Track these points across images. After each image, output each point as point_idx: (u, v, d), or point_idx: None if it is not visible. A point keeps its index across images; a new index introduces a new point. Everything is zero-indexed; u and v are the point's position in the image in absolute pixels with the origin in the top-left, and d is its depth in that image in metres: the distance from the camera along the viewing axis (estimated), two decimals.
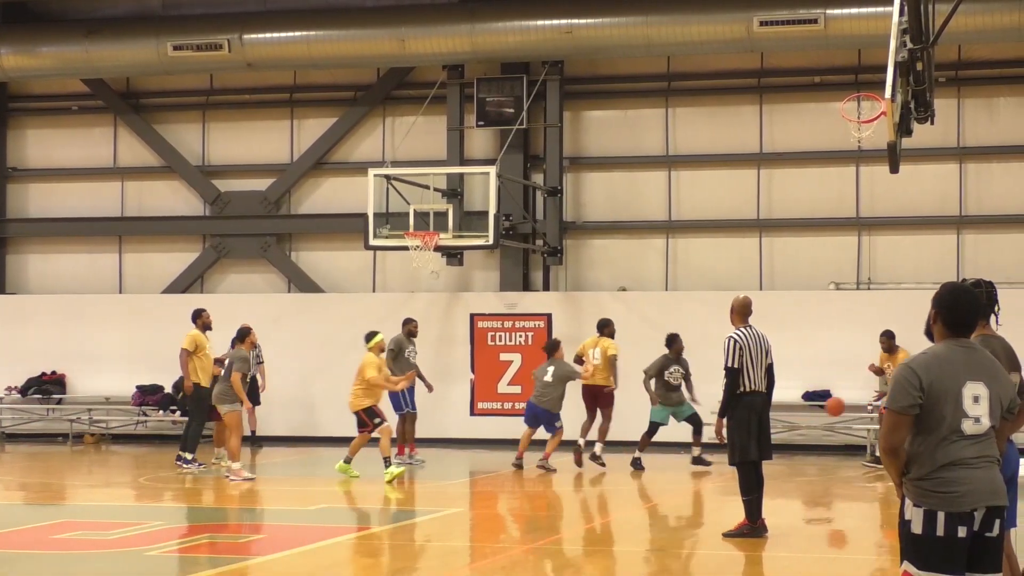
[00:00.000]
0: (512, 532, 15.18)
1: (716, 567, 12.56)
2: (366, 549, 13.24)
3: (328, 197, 26.49)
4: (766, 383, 13.46)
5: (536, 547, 13.57)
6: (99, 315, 26.22)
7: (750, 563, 12.56)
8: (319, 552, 12.85)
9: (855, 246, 24.36)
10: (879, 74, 13.83)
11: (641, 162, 25.23)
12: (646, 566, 12.44)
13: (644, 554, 13.08)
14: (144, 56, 25.21)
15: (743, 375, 13.30)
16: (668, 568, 12.35)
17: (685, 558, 13.00)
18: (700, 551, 13.43)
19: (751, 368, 13.30)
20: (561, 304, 24.67)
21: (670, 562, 12.63)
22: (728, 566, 12.60)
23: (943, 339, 6.60)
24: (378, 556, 12.85)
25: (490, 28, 23.91)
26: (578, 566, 12.64)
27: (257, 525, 15.36)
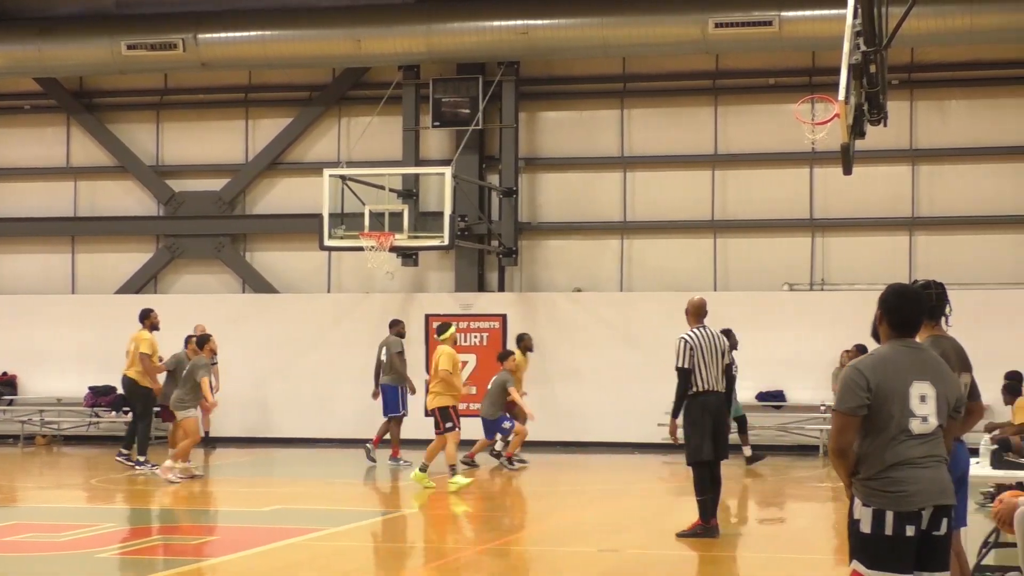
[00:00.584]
0: (466, 533, 15.17)
1: (667, 567, 12.59)
2: (320, 550, 13.20)
3: (283, 197, 26.40)
4: (724, 383, 13.48)
5: (489, 548, 13.57)
6: (51, 316, 26.05)
7: (702, 563, 12.60)
8: (273, 553, 12.81)
9: (808, 247, 24.47)
10: (833, 76, 13.88)
11: (596, 163, 25.27)
12: (597, 566, 12.45)
13: (596, 554, 13.10)
14: (98, 55, 25.05)
15: (695, 375, 13.33)
16: (619, 568, 12.36)
17: (636, 558, 13.01)
18: (652, 551, 13.45)
19: (704, 368, 13.33)
20: (516, 305, 24.68)
21: (621, 562, 12.65)
22: (680, 566, 12.63)
23: (889, 340, 6.65)
24: (332, 557, 12.82)
25: (446, 28, 23.89)
26: (530, 566, 12.65)
27: (210, 527, 15.29)
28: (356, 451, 22.29)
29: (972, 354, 8.66)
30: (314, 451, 23.87)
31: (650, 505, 17.54)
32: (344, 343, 24.94)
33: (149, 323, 20.41)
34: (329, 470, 21.40)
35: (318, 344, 25.08)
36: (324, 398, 24.85)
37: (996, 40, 23.02)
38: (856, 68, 13.12)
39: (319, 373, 24.92)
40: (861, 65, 13.21)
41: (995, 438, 12.63)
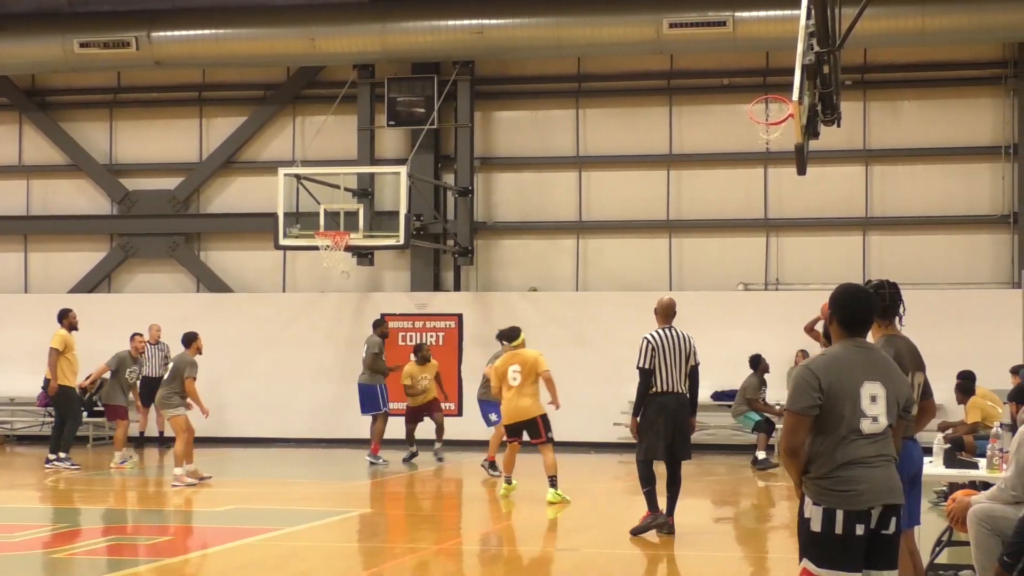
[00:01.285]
0: (421, 533, 15.16)
1: (625, 566, 12.61)
2: (274, 550, 13.17)
3: (237, 196, 26.32)
4: (687, 385, 13.44)
5: (445, 547, 13.57)
6: (3, 315, 25.88)
7: (658, 562, 12.63)
8: (228, 554, 12.77)
9: (763, 247, 24.59)
10: (787, 77, 13.95)
11: (551, 163, 25.30)
12: (555, 565, 12.47)
13: (553, 553, 13.12)
14: (50, 53, 24.89)
15: (656, 375, 13.31)
16: (577, 567, 12.38)
17: (594, 557, 13.04)
18: (609, 550, 13.48)
19: (665, 369, 13.31)
20: (472, 304, 24.69)
21: (579, 562, 12.67)
22: (636, 565, 12.66)
23: (840, 339, 6.71)
24: (287, 557, 12.79)
25: (401, 28, 23.86)
26: (487, 566, 12.65)
27: (164, 527, 15.22)
28: (311, 451, 22.25)
29: (925, 354, 8.72)
30: (269, 451, 23.81)
31: (607, 504, 17.57)
32: (299, 342, 24.89)
33: (67, 323, 20.55)
34: (284, 470, 21.33)
35: (273, 343, 25.01)
36: (279, 398, 24.78)
37: (947, 41, 23.20)
38: (810, 69, 13.19)
39: (274, 373, 24.85)
40: (814, 66, 13.28)
41: (948, 437, 12.72)
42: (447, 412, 22.85)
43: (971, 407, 17.19)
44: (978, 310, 22.97)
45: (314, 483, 19.36)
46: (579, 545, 13.65)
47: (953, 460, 10.83)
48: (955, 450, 11.24)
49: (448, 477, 20.44)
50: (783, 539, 13.98)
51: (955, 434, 15.51)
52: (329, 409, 24.63)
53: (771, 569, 12.41)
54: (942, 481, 12.97)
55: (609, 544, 13.83)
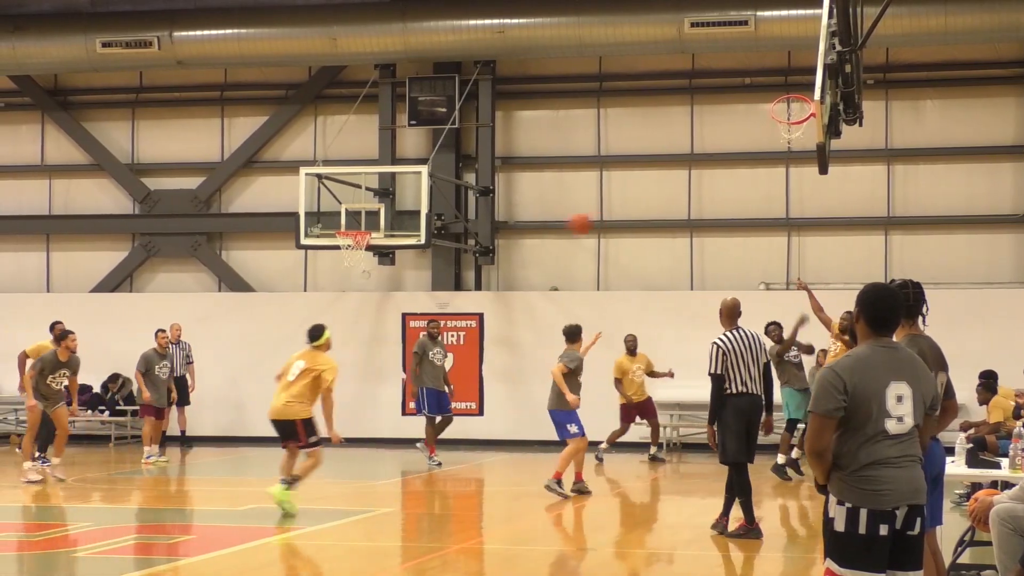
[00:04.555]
0: (441, 532, 15.16)
1: (644, 565, 12.60)
2: (295, 550, 13.19)
3: (259, 196, 26.36)
4: (761, 385, 13.29)
5: (465, 547, 13.57)
6: (26, 314, 25.91)
7: (677, 561, 12.61)
8: (248, 553, 12.79)
9: (784, 246, 24.54)
10: (808, 76, 13.93)
11: (572, 162, 25.29)
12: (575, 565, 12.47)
13: (574, 552, 13.12)
14: (72, 53, 24.96)
15: (728, 378, 13.15)
16: (599, 566, 12.38)
17: (615, 556, 13.04)
18: (629, 549, 13.48)
19: (738, 371, 13.15)
20: (493, 304, 24.69)
21: (600, 561, 12.66)
22: (657, 564, 12.64)
23: (866, 339, 6.68)
24: (307, 557, 12.81)
25: (422, 27, 23.88)
26: (507, 565, 12.65)
27: (186, 526, 15.25)
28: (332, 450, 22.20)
29: (947, 353, 8.70)
30: None
31: (627, 503, 17.56)
32: None
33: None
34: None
35: (294, 343, 24.82)
36: None
37: (970, 40, 23.12)
38: (831, 68, 13.17)
39: None
40: (836, 65, 13.27)
41: (970, 437, 12.69)
42: (468, 412, 22.88)
43: (993, 407, 17.14)
44: (1000, 309, 22.90)
45: (335, 482, 19.36)
46: (600, 544, 13.64)
47: (975, 460, 10.79)
48: (977, 450, 11.21)
49: (471, 477, 20.45)
50: (804, 539, 13.95)
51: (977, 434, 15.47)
52: (350, 408, 24.59)
53: (791, 569, 12.38)
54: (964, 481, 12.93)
55: (630, 543, 13.83)
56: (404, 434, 23.95)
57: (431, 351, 20.77)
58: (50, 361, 18.85)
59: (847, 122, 14.47)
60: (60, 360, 18.88)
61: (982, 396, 17.42)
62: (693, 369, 21.07)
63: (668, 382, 22.24)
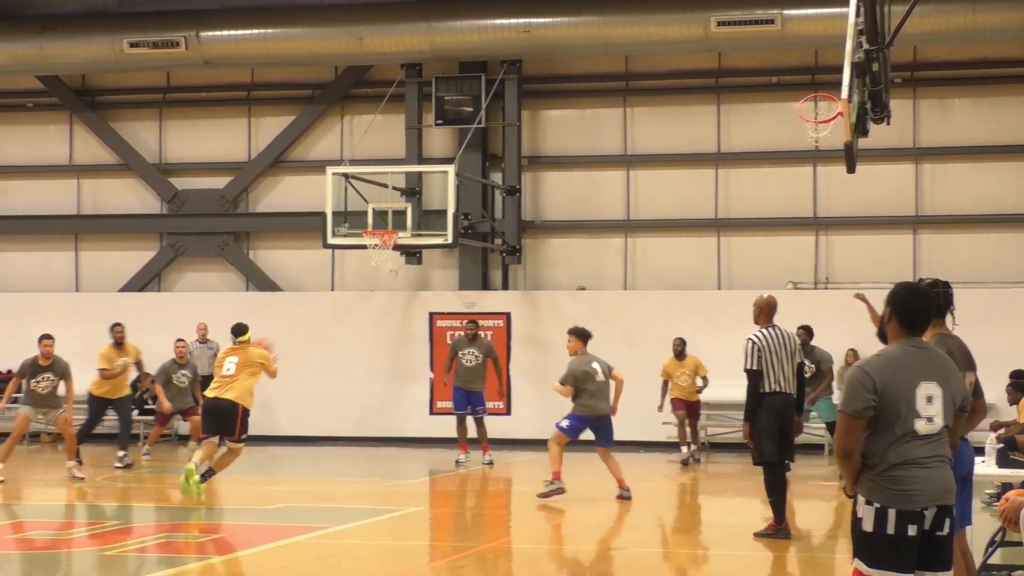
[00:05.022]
0: (469, 532, 15.18)
1: (673, 565, 12.60)
2: (324, 549, 13.23)
3: (286, 195, 26.42)
4: (795, 384, 13.22)
5: (494, 546, 13.58)
6: (55, 314, 26.02)
7: (707, 561, 12.60)
8: (277, 552, 12.83)
9: (812, 246, 24.48)
10: (836, 75, 13.90)
11: (599, 161, 25.28)
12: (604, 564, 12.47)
13: (603, 552, 13.12)
14: (100, 53, 25.06)
15: (764, 376, 13.09)
16: (626, 566, 12.38)
17: (643, 556, 13.03)
18: (658, 549, 13.47)
19: (772, 369, 13.10)
20: (520, 303, 24.70)
21: (628, 560, 12.66)
22: (687, 564, 12.64)
23: (897, 339, 6.66)
24: (336, 556, 12.84)
25: (448, 27, 23.90)
26: (535, 565, 12.66)
27: (216, 524, 15.30)
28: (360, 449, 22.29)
29: (976, 353, 8.68)
30: (318, 449, 23.89)
31: (656, 503, 17.55)
32: (348, 341, 24.96)
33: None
34: (333, 468, 21.41)
35: (321, 342, 25.09)
36: (328, 396, 24.86)
37: (998, 39, 23.02)
38: (859, 66, 13.14)
39: (323, 371, 24.93)
40: (864, 63, 13.24)
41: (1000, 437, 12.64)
42: (495, 411, 22.88)
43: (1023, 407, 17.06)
44: None
45: (363, 481, 19.42)
46: (628, 544, 13.64)
47: (1006, 460, 10.75)
48: (1007, 450, 11.16)
49: (498, 476, 20.46)
50: (832, 539, 13.93)
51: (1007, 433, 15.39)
52: (378, 407, 24.70)
53: (819, 569, 12.37)
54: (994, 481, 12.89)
55: (659, 543, 13.83)
56: (431, 434, 23.99)
57: (461, 351, 20.83)
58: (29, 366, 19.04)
59: (875, 121, 14.43)
60: (40, 364, 18.97)
61: (1012, 396, 17.33)
62: (720, 369, 21.08)
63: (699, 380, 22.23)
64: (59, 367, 19.15)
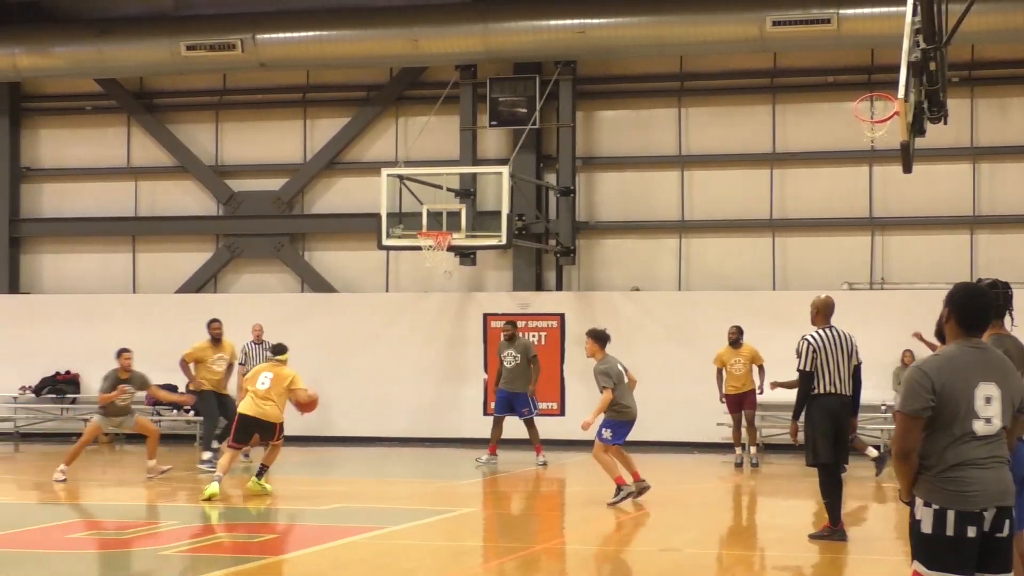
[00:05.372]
0: (523, 533, 15.18)
1: (727, 567, 12.56)
2: (379, 549, 13.26)
3: (341, 197, 26.53)
4: (851, 385, 13.10)
5: (547, 547, 13.58)
6: (112, 315, 26.28)
7: (760, 564, 12.55)
8: (331, 552, 12.87)
9: (868, 246, 24.35)
10: (892, 74, 13.82)
11: (654, 162, 25.23)
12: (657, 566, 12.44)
13: (656, 554, 13.09)
14: (157, 56, 25.26)
15: (818, 377, 13.01)
16: (679, 568, 12.35)
17: (696, 558, 13.00)
18: (712, 551, 13.42)
19: (828, 370, 13.00)
20: (574, 304, 24.68)
21: (681, 562, 12.63)
22: (739, 566, 12.59)
23: (955, 339, 6.59)
24: (391, 556, 12.87)
25: (503, 28, 23.93)
26: (589, 566, 12.65)
27: (271, 524, 15.38)
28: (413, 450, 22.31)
29: None
30: (372, 450, 23.96)
31: (709, 505, 17.50)
32: (402, 342, 25.02)
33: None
34: (387, 469, 21.47)
35: (376, 343, 25.16)
36: (382, 397, 24.93)
37: None
38: (916, 66, 13.05)
39: (377, 372, 25.00)
40: (921, 63, 13.14)
41: None
42: (549, 412, 22.89)
43: None
44: None
45: (417, 482, 19.45)
46: (682, 545, 13.60)
47: None
48: None
49: (552, 477, 20.44)
50: (890, 540, 13.84)
51: None
52: (431, 408, 24.74)
53: (878, 571, 12.29)
54: None
55: (713, 544, 13.78)
56: (486, 434, 23.97)
57: (503, 352, 20.93)
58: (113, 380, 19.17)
59: (931, 120, 14.32)
60: (120, 378, 19.16)
61: None
62: (775, 370, 20.96)
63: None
64: (137, 379, 19.35)
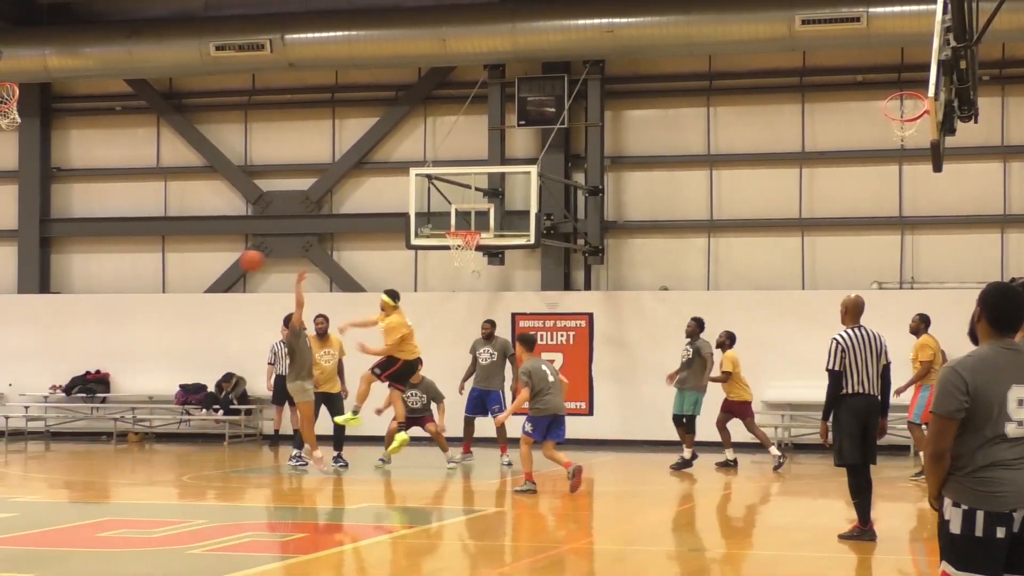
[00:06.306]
0: (552, 532, 15.17)
1: (757, 567, 12.53)
2: (407, 548, 13.27)
3: (370, 196, 26.56)
4: (879, 386, 13.06)
5: (576, 547, 13.57)
6: (142, 314, 26.39)
7: (789, 563, 12.52)
8: (361, 551, 12.89)
9: (898, 245, 24.26)
10: (922, 72, 13.77)
11: (682, 161, 25.20)
12: (686, 566, 12.42)
13: (685, 554, 13.07)
14: (186, 56, 25.35)
15: (846, 377, 12.94)
16: (707, 568, 12.32)
17: (725, 558, 12.97)
18: (741, 551, 13.39)
19: (856, 370, 12.95)
20: (602, 303, 24.66)
21: (709, 562, 12.60)
22: (770, 566, 12.56)
23: (988, 339, 6.55)
24: (419, 555, 12.88)
25: (531, 27, 23.93)
26: (618, 565, 12.63)
27: (301, 524, 15.41)
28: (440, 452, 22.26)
29: None
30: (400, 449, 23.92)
31: (738, 504, 17.46)
32: (430, 342, 24.93)
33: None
34: (416, 468, 21.47)
35: None
36: None
37: None
38: (946, 64, 13.00)
39: None
40: (951, 61, 13.09)
41: None
42: (578, 411, 22.85)
43: None
44: None
45: (445, 481, 19.45)
46: (711, 545, 13.58)
47: None
48: None
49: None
50: (919, 541, 13.79)
51: None
52: (460, 407, 24.71)
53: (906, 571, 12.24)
54: None
55: (742, 544, 13.74)
56: (514, 433, 23.95)
57: (478, 350, 21.11)
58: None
59: (962, 119, 14.27)
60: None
61: None
62: (805, 369, 20.96)
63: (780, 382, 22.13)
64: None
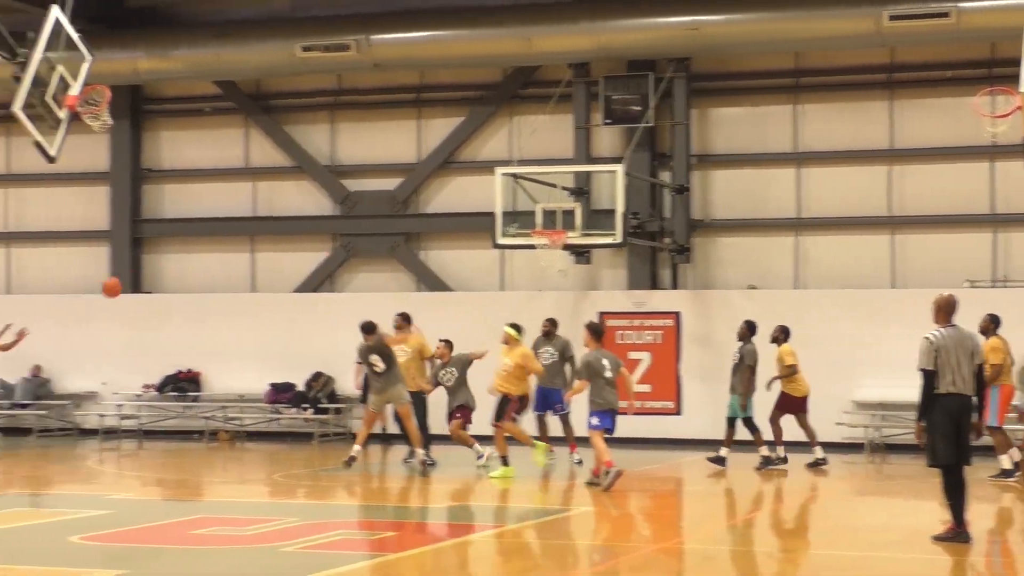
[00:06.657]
0: (637, 531, 15.15)
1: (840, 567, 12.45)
2: (496, 547, 13.30)
3: (455, 196, 26.63)
4: (974, 385, 12.92)
5: (664, 547, 13.54)
6: (232, 314, 26.64)
7: (867, 565, 12.43)
8: (450, 550, 12.94)
9: (990, 243, 23.96)
10: (1013, 67, 13.64)
11: (769, 159, 25.04)
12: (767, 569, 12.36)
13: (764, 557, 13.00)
14: (273, 57, 25.55)
15: (940, 376, 12.78)
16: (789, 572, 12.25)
17: (813, 559, 12.89)
18: (823, 552, 13.30)
19: (948, 369, 12.79)
20: (690, 302, 24.57)
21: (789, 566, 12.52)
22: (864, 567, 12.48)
23: None
24: (508, 554, 12.90)
25: (616, 26, 23.88)
26: (707, 567, 12.59)
27: (390, 522, 15.48)
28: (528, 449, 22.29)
29: None
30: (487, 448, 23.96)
31: (831, 504, 17.33)
32: None
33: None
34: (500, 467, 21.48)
35: (491, 342, 25.14)
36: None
37: None
38: None
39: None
40: None
41: None
42: (665, 411, 22.80)
43: None
44: None
45: (532, 481, 19.47)
46: (801, 546, 13.50)
47: None
48: None
49: (669, 476, 20.38)
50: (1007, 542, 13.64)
51: None
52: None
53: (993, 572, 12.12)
54: None
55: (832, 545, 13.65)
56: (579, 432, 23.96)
57: (539, 349, 21.08)
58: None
59: None
60: None
61: None
62: (894, 369, 20.77)
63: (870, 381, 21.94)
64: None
